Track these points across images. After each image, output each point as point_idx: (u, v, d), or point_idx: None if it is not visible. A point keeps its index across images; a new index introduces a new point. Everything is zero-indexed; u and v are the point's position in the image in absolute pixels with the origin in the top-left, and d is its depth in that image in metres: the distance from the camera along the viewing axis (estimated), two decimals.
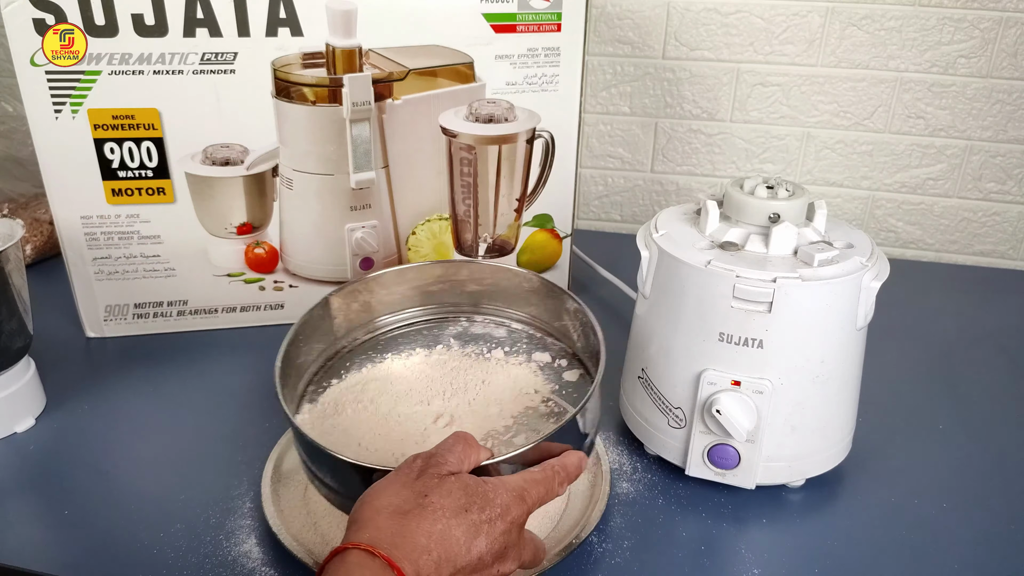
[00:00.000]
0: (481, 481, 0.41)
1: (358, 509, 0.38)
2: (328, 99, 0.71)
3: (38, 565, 0.50)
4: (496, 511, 0.39)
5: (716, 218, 0.56)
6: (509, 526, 0.40)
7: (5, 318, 0.63)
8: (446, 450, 0.42)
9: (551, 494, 0.44)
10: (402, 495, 0.38)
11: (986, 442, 0.64)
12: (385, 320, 0.66)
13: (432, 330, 0.66)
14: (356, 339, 0.65)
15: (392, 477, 0.40)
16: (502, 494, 0.40)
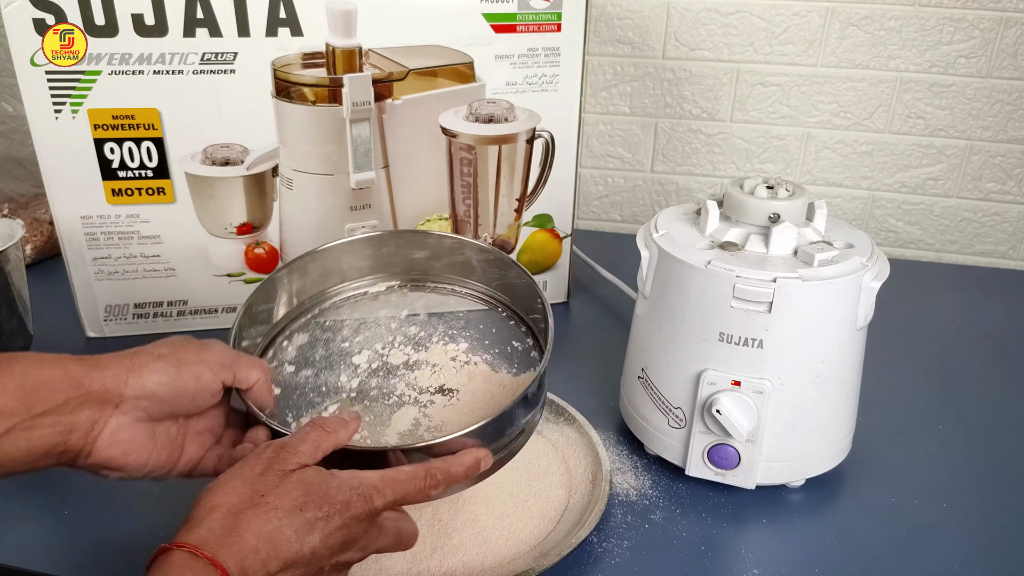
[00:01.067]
0: (327, 476, 0.41)
1: (196, 505, 0.39)
2: (328, 99, 0.71)
3: (38, 565, 0.50)
4: (335, 507, 0.40)
5: (716, 218, 0.56)
6: (348, 521, 0.40)
7: (5, 318, 0.63)
8: (299, 440, 0.43)
9: (417, 496, 0.43)
10: (240, 492, 0.39)
11: (986, 442, 0.64)
12: (336, 290, 0.63)
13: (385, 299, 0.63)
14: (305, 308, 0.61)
15: (236, 470, 0.41)
16: (345, 491, 0.41)
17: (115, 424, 0.42)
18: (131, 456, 0.43)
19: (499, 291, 0.62)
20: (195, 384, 0.44)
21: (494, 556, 0.50)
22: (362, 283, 0.63)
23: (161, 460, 0.45)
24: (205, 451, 0.48)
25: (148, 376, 0.43)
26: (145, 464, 0.44)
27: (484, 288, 0.62)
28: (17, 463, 0.40)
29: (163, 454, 0.45)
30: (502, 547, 0.51)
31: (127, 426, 0.42)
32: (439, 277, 0.63)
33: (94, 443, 0.41)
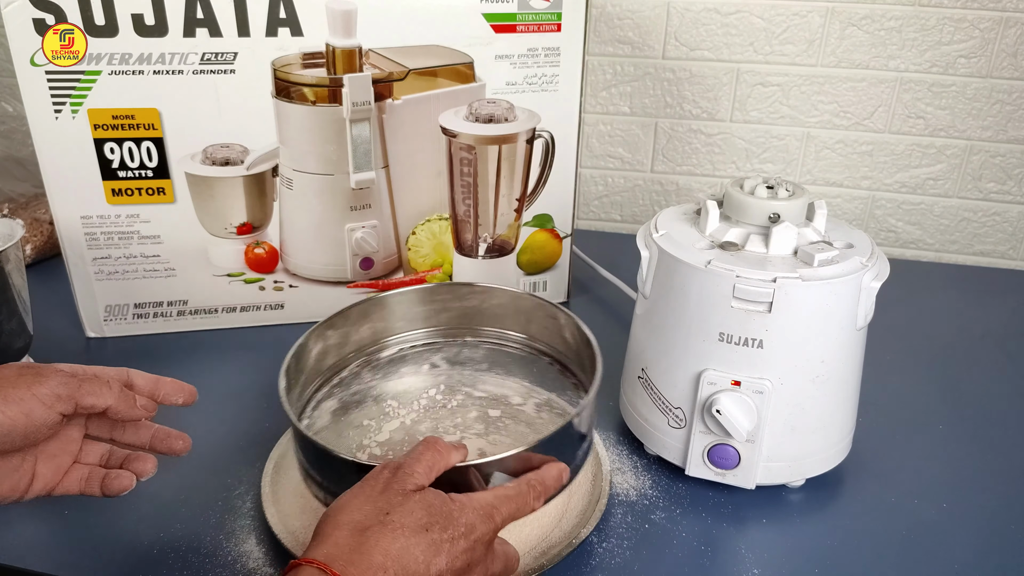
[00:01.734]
0: (447, 499, 0.41)
1: (322, 522, 0.39)
2: (328, 99, 0.71)
3: (38, 565, 0.50)
4: (460, 530, 0.39)
5: (716, 218, 0.56)
6: (473, 544, 0.40)
7: (5, 318, 0.63)
8: (414, 460, 0.42)
9: (524, 509, 0.43)
10: (364, 510, 0.39)
11: (986, 442, 0.64)
12: (391, 340, 0.66)
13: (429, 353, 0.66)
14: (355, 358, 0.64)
15: (357, 490, 0.40)
16: (468, 513, 0.40)
17: None
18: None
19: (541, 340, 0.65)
20: (25, 421, 0.42)
21: None
22: (408, 336, 0.66)
23: (2, 492, 0.44)
24: (63, 473, 0.46)
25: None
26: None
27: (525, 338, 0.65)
28: None
29: (4, 486, 0.44)
30: None
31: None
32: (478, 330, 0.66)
33: None
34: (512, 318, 0.65)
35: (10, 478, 0.44)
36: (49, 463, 0.46)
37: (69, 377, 0.44)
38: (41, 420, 0.42)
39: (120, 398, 0.45)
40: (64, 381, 0.43)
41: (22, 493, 0.45)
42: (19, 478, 0.44)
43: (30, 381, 0.42)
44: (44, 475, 0.45)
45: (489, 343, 0.66)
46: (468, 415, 0.60)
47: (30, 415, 0.42)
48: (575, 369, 0.62)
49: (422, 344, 0.66)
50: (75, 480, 0.47)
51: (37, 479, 0.45)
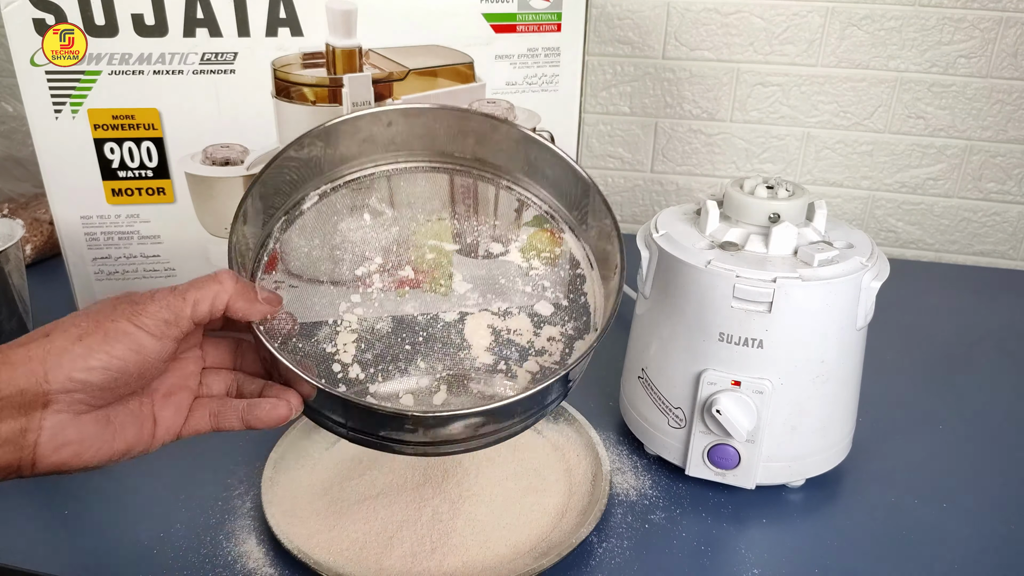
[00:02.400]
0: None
1: None
2: (328, 99, 0.71)
3: (38, 565, 0.50)
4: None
5: (716, 218, 0.56)
6: None
7: (5, 318, 0.63)
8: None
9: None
10: None
11: (986, 442, 0.64)
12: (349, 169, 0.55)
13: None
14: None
15: None
16: None
17: (52, 426, 0.35)
18: (87, 454, 0.37)
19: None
20: (137, 358, 0.37)
21: (494, 556, 0.50)
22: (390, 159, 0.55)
23: (127, 443, 0.38)
24: (186, 412, 0.42)
25: (71, 364, 0.35)
26: (110, 453, 0.38)
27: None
28: None
29: (128, 435, 0.38)
30: (502, 547, 0.51)
31: (69, 424, 0.36)
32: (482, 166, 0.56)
33: (34, 453, 0.35)
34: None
35: (133, 426, 0.39)
36: (168, 404, 0.41)
37: (169, 293, 0.38)
38: (154, 353, 0.37)
39: (237, 291, 0.39)
40: (166, 301, 0.38)
41: (148, 442, 0.40)
42: (141, 425, 0.39)
43: (128, 311, 0.37)
44: (166, 418, 0.40)
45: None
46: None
47: (140, 350, 0.37)
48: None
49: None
50: (203, 418, 0.42)
51: (159, 424, 0.40)
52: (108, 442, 0.38)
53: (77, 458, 0.36)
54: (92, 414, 0.37)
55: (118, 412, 0.38)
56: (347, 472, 0.57)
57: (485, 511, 0.53)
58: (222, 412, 0.42)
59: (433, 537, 0.51)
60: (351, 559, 0.49)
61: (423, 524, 0.52)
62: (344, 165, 0.54)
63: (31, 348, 0.35)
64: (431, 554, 0.50)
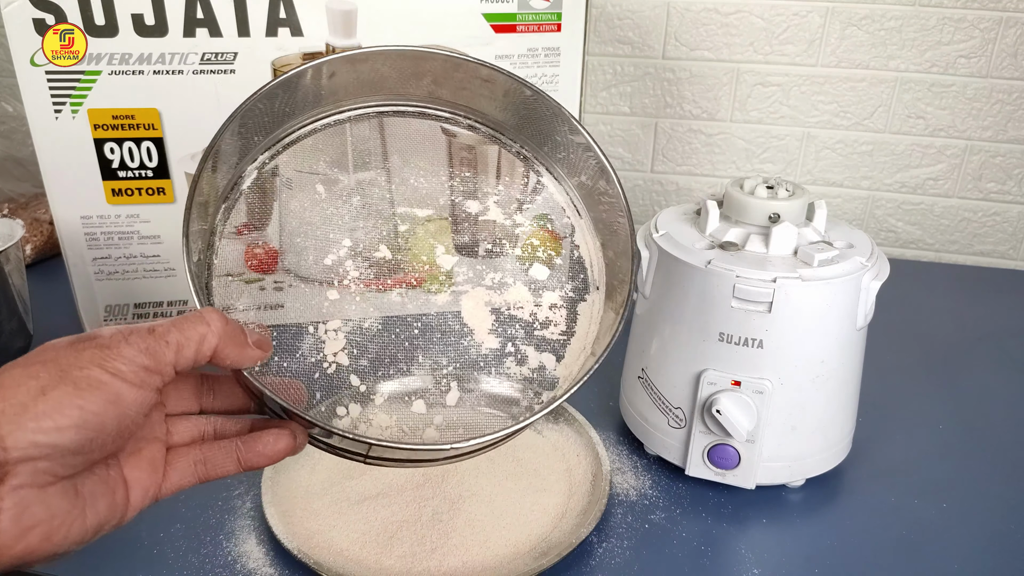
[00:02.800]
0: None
1: None
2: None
3: (38, 565, 0.50)
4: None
5: (716, 218, 0.56)
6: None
7: (5, 318, 0.63)
8: None
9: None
10: None
11: (986, 442, 0.64)
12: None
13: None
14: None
15: None
16: None
17: (14, 504, 0.28)
18: (58, 536, 0.30)
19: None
20: (115, 412, 0.30)
21: (494, 556, 0.50)
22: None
23: (101, 515, 0.32)
24: (162, 468, 0.35)
25: (36, 424, 0.28)
26: (82, 532, 0.31)
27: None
28: None
29: (100, 507, 0.32)
30: (502, 547, 0.51)
31: (34, 500, 0.29)
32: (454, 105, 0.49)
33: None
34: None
35: (104, 495, 0.32)
36: (139, 462, 0.34)
37: (147, 335, 0.32)
38: (135, 405, 0.31)
39: (227, 334, 0.34)
40: (144, 345, 0.31)
41: (122, 511, 0.33)
42: (113, 492, 0.33)
43: (99, 357, 0.30)
44: (140, 479, 0.34)
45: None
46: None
47: (118, 401, 0.30)
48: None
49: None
50: (186, 469, 0.36)
51: (133, 488, 0.34)
52: (79, 518, 0.31)
53: (47, 542, 0.30)
54: (59, 485, 0.30)
55: (86, 481, 0.32)
56: (347, 472, 0.57)
57: (485, 511, 0.53)
58: (211, 458, 0.37)
59: (433, 537, 0.51)
60: (351, 559, 0.49)
61: (423, 524, 0.52)
62: (281, 129, 0.47)
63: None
64: (431, 554, 0.50)
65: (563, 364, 0.47)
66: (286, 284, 0.80)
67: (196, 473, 0.36)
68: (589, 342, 0.46)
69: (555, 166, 0.50)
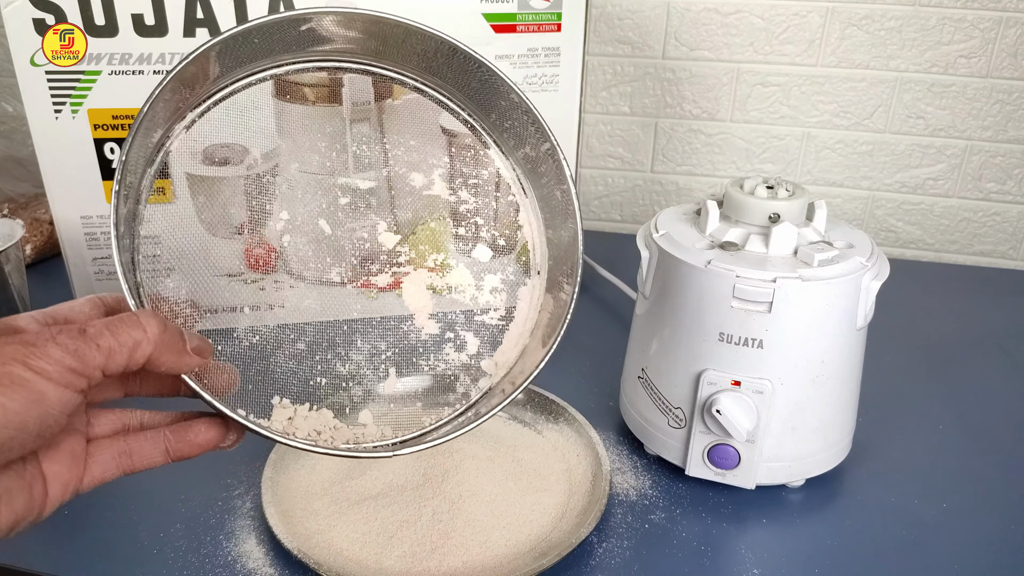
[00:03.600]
0: None
1: None
2: (328, 99, 0.71)
3: (38, 565, 0.50)
4: None
5: (716, 218, 0.56)
6: None
7: None
8: None
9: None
10: None
11: (986, 442, 0.64)
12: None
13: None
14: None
15: None
16: None
17: None
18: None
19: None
20: (37, 411, 0.29)
21: (494, 556, 0.50)
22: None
23: (17, 513, 0.31)
24: (83, 461, 0.35)
25: None
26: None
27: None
28: None
29: (17, 505, 0.31)
30: (502, 547, 0.51)
31: None
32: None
33: None
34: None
35: (21, 492, 0.31)
36: (57, 455, 0.33)
37: (77, 336, 0.30)
38: (58, 405, 0.30)
39: (163, 342, 0.32)
40: (73, 347, 0.30)
41: (40, 507, 0.33)
42: (30, 488, 0.32)
43: (22, 353, 0.29)
44: (59, 473, 0.33)
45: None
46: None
47: (41, 400, 0.29)
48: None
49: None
50: (109, 462, 0.35)
51: (51, 482, 0.33)
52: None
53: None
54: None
55: (1, 478, 0.31)
56: (347, 472, 0.57)
57: (485, 511, 0.53)
58: (137, 449, 0.35)
59: (433, 537, 0.51)
60: (351, 559, 0.50)
61: (423, 524, 0.52)
62: (215, 85, 0.44)
63: None
64: (431, 554, 0.50)
65: (500, 351, 0.46)
66: (286, 284, 0.80)
67: (120, 465, 0.35)
68: (527, 329, 0.45)
69: (501, 137, 0.48)
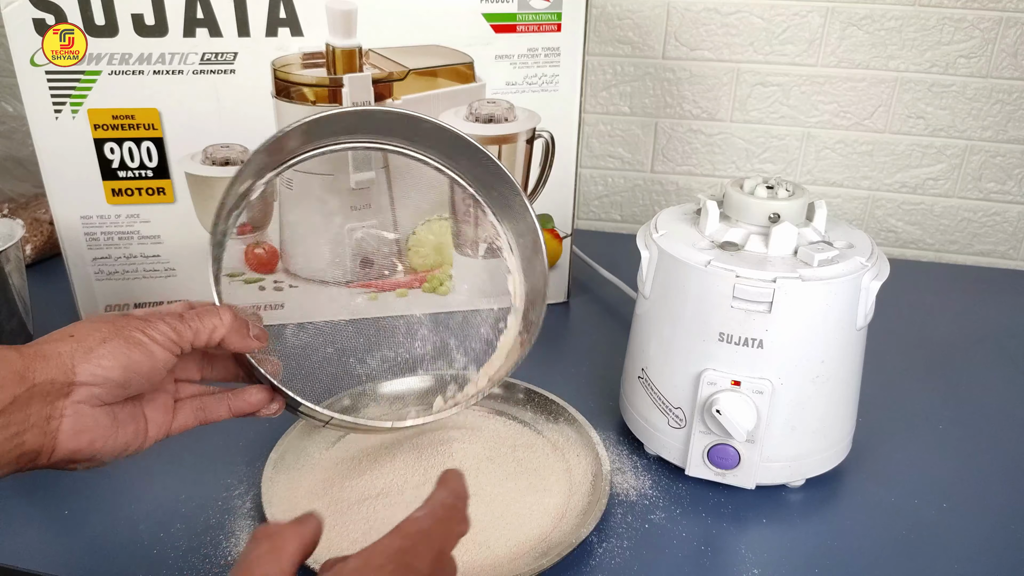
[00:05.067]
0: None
1: None
2: (328, 99, 0.71)
3: (38, 565, 0.50)
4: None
5: (716, 218, 0.56)
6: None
7: (5, 318, 0.63)
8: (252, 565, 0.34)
9: (451, 537, 0.37)
10: None
11: (986, 442, 0.64)
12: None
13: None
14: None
15: None
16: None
17: (72, 414, 0.40)
18: (98, 443, 0.41)
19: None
20: (149, 364, 0.42)
21: (494, 556, 0.50)
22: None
23: (128, 438, 0.43)
24: (172, 413, 0.47)
25: (98, 361, 0.40)
26: (115, 448, 0.42)
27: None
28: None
29: (128, 432, 0.43)
30: (502, 547, 0.51)
31: (86, 414, 0.40)
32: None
33: (55, 438, 0.39)
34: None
35: (131, 423, 0.43)
36: (155, 406, 0.46)
37: (176, 318, 0.44)
38: (162, 361, 0.42)
39: (233, 327, 0.45)
40: (173, 324, 0.43)
41: (142, 439, 0.45)
42: (137, 423, 0.44)
43: (142, 325, 0.42)
44: (155, 419, 0.45)
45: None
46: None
47: (151, 357, 0.42)
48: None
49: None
50: (188, 414, 0.47)
51: (151, 424, 0.45)
52: (113, 435, 0.42)
53: (90, 446, 0.41)
54: (103, 408, 0.41)
55: (120, 411, 0.43)
56: (347, 472, 0.57)
57: (485, 511, 0.53)
58: (208, 406, 0.48)
59: None
60: None
61: None
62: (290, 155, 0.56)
63: (60, 345, 0.40)
64: None
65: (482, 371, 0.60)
66: (286, 284, 0.80)
67: (196, 417, 0.48)
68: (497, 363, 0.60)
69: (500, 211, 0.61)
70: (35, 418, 0.39)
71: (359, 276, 0.80)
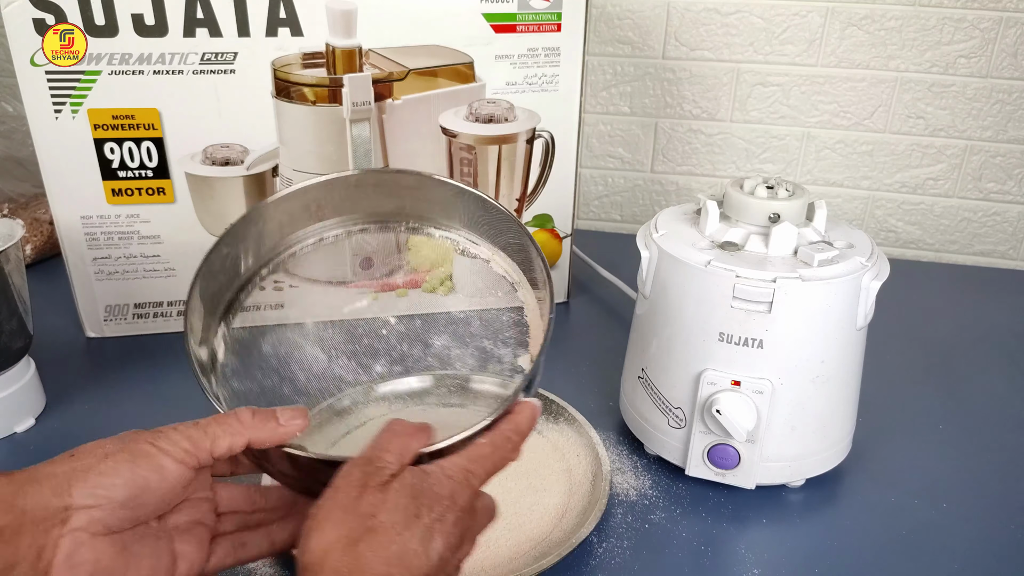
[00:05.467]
0: (422, 474, 0.38)
1: (305, 552, 0.35)
2: (328, 99, 0.71)
3: None
4: (444, 504, 0.37)
5: (716, 218, 0.56)
6: (461, 514, 0.38)
7: (5, 318, 0.63)
8: (382, 450, 0.38)
9: (503, 463, 0.41)
10: (348, 523, 0.35)
11: (986, 442, 0.64)
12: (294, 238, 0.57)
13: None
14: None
15: (331, 501, 0.36)
16: (447, 483, 0.38)
17: (69, 545, 0.34)
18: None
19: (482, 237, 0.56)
20: (158, 478, 0.37)
21: (494, 556, 0.50)
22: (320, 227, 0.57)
23: (143, 574, 0.37)
24: (207, 546, 0.41)
25: (97, 479, 0.35)
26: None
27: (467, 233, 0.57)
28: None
29: (144, 567, 0.37)
30: (502, 547, 0.51)
31: (85, 543, 0.34)
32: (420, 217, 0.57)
33: (47, 574, 0.34)
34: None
35: (149, 558, 0.37)
36: (188, 538, 0.40)
37: (191, 426, 0.39)
38: (174, 476, 0.37)
39: (255, 425, 0.40)
40: (187, 432, 0.38)
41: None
42: (158, 558, 0.38)
43: (150, 436, 0.38)
44: (187, 554, 0.39)
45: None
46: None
47: (161, 471, 0.37)
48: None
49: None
50: (227, 551, 0.42)
51: (181, 560, 0.39)
52: (121, 570, 0.36)
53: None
54: (109, 537, 0.36)
55: (134, 541, 0.37)
56: None
57: None
58: (249, 540, 0.43)
59: None
60: None
61: None
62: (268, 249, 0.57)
63: (56, 465, 0.36)
64: None
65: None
66: (286, 284, 0.80)
67: (234, 554, 0.42)
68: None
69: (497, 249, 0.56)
70: (26, 552, 0.33)
71: (360, 276, 0.80)
